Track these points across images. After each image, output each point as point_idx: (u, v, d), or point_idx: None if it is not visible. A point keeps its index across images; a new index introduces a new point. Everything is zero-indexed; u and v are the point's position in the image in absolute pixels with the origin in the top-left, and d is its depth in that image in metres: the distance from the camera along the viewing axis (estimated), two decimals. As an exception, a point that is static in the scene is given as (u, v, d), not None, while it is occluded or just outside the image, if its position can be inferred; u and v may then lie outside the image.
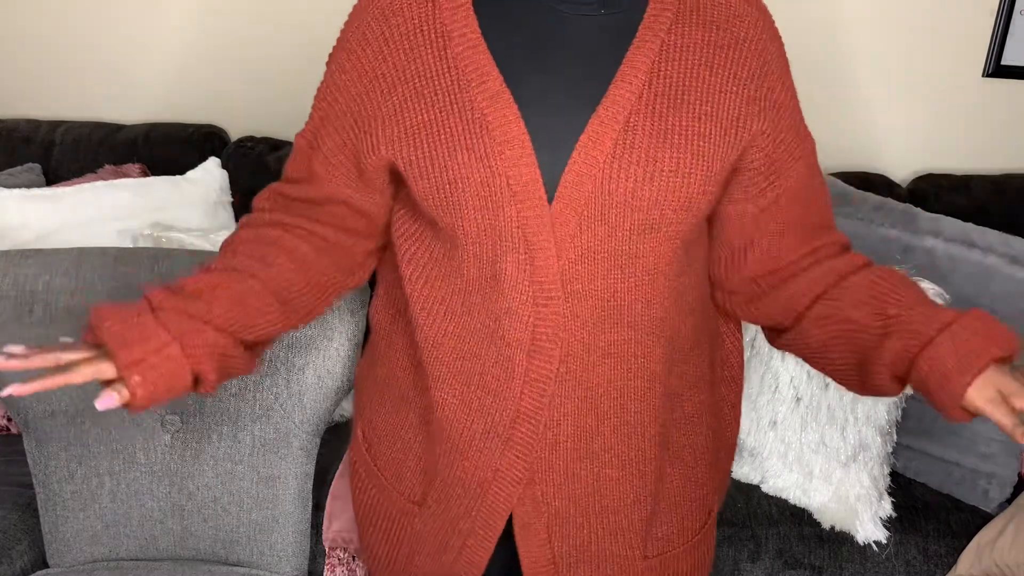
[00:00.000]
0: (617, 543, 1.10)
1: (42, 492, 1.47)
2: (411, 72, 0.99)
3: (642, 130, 0.95)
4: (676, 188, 0.96)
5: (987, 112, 2.27)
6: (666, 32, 0.98)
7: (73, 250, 1.46)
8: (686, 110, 0.96)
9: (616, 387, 1.03)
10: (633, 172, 0.95)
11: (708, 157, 0.97)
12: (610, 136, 0.95)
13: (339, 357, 1.41)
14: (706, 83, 0.97)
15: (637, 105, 0.96)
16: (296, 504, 1.47)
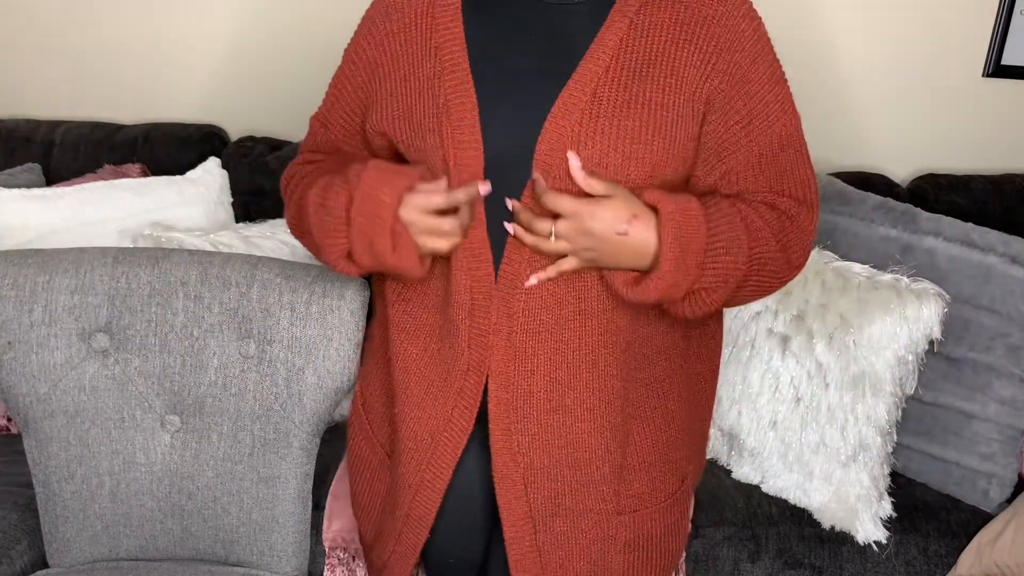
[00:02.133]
0: (591, 497, 1.16)
1: (42, 492, 1.47)
2: (403, 62, 1.12)
3: (608, 101, 1.04)
4: (639, 154, 1.04)
5: (987, 112, 2.27)
6: (635, 13, 1.07)
7: (73, 250, 1.46)
8: (650, 82, 1.05)
9: (587, 342, 1.10)
10: (600, 139, 1.04)
11: (670, 125, 1.05)
12: (578, 107, 1.04)
13: (339, 357, 1.41)
14: (671, 57, 1.06)
15: (604, 78, 1.05)
16: (296, 504, 1.47)
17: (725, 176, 1.11)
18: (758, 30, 1.11)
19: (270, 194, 2.16)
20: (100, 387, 1.43)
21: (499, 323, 1.11)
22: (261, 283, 1.41)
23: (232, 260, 1.45)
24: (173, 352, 1.43)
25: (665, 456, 1.21)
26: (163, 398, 1.45)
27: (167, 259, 1.45)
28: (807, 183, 1.15)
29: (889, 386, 1.70)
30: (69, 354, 1.42)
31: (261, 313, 1.41)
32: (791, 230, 1.13)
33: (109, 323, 1.42)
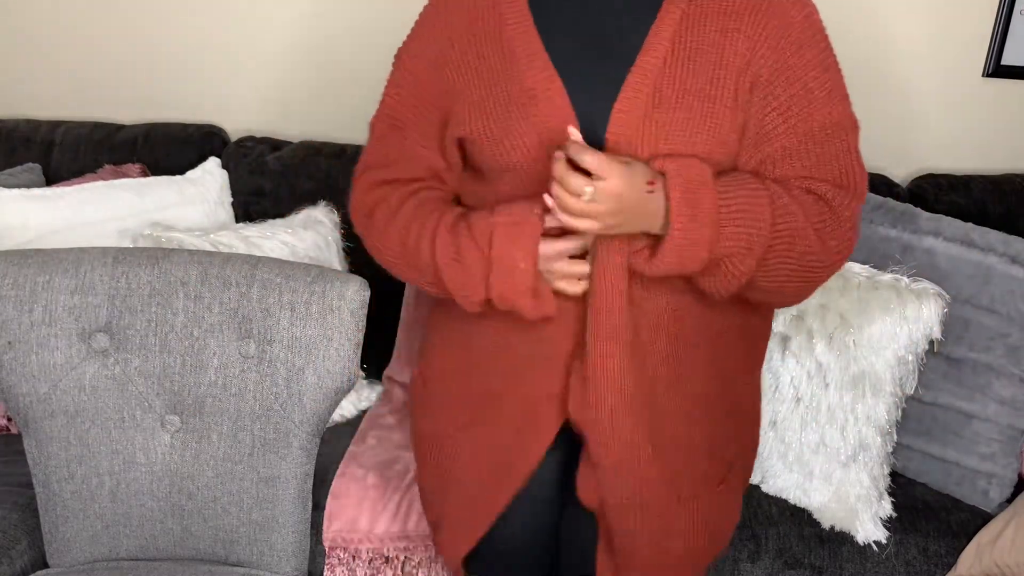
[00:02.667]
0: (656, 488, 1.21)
1: (42, 492, 1.47)
2: (473, 56, 1.15)
3: (666, 92, 1.08)
4: (687, 147, 1.08)
5: (987, 112, 2.27)
6: (687, 3, 1.10)
7: (73, 250, 1.46)
8: (700, 74, 1.08)
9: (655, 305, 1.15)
10: (656, 130, 1.08)
11: (715, 116, 1.08)
12: (641, 99, 1.08)
13: (339, 357, 1.40)
14: (719, 47, 1.09)
15: (662, 70, 1.09)
16: (296, 504, 1.47)
17: (763, 163, 1.12)
18: (809, 17, 1.12)
19: (270, 194, 2.16)
20: (100, 387, 1.43)
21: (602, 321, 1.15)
22: (261, 283, 1.41)
23: (232, 260, 1.45)
24: (173, 352, 1.43)
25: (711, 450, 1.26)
26: (163, 398, 1.45)
27: (167, 259, 1.45)
28: (850, 171, 1.15)
29: (889, 386, 1.70)
30: (69, 354, 1.42)
31: (261, 313, 1.41)
32: (828, 216, 1.13)
33: (109, 323, 1.42)
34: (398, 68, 1.24)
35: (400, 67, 1.24)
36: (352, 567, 1.71)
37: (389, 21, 2.35)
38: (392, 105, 1.25)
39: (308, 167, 2.16)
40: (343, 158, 2.18)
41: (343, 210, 2.10)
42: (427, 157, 1.22)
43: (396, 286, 2.06)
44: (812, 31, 1.13)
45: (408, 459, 1.80)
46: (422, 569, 1.71)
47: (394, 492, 1.73)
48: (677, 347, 1.18)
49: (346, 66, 2.30)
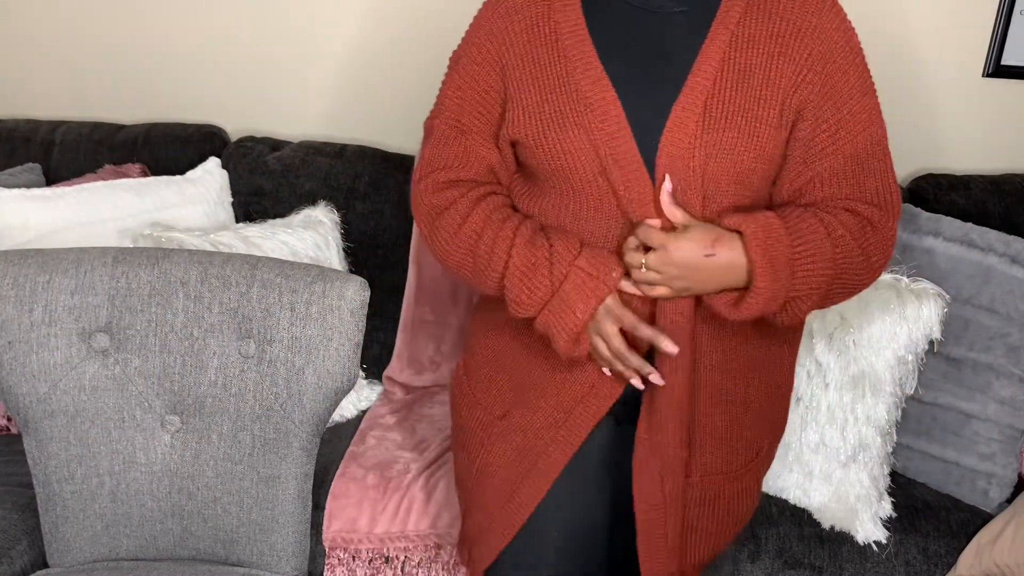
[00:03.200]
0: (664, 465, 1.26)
1: (42, 492, 1.47)
2: (529, 61, 1.20)
3: (715, 112, 1.13)
4: (734, 164, 1.13)
5: (987, 112, 2.27)
6: (735, 24, 1.15)
7: (73, 250, 1.46)
8: (748, 94, 1.13)
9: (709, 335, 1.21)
10: (705, 150, 1.13)
11: (761, 137, 1.14)
12: (692, 118, 1.13)
13: (339, 357, 1.40)
14: (766, 69, 1.14)
15: (712, 90, 1.13)
16: (296, 504, 1.47)
17: (811, 181, 1.18)
18: (850, 41, 1.19)
19: (270, 194, 2.16)
20: (100, 387, 1.43)
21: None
22: (261, 283, 1.41)
23: (232, 260, 1.45)
24: (173, 352, 1.43)
25: (739, 435, 1.30)
26: (163, 398, 1.45)
27: (167, 259, 1.45)
28: (889, 190, 1.21)
29: (889, 386, 1.70)
30: (69, 354, 1.42)
31: (261, 313, 1.41)
32: (871, 234, 1.18)
33: (109, 323, 1.42)
34: (455, 70, 1.28)
35: (458, 69, 1.28)
36: (352, 567, 1.71)
37: (389, 22, 2.35)
38: (452, 107, 1.28)
39: (308, 167, 2.17)
40: (343, 158, 2.18)
41: (343, 210, 2.10)
42: (488, 157, 1.27)
43: (396, 286, 2.06)
44: (853, 55, 1.18)
45: (408, 459, 1.80)
46: (422, 569, 1.71)
47: (394, 492, 1.73)
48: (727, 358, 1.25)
49: (346, 67, 2.30)
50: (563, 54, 1.18)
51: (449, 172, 1.28)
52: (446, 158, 1.28)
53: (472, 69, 1.25)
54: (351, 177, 2.15)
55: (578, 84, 1.16)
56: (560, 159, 1.18)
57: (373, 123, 2.33)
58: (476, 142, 1.26)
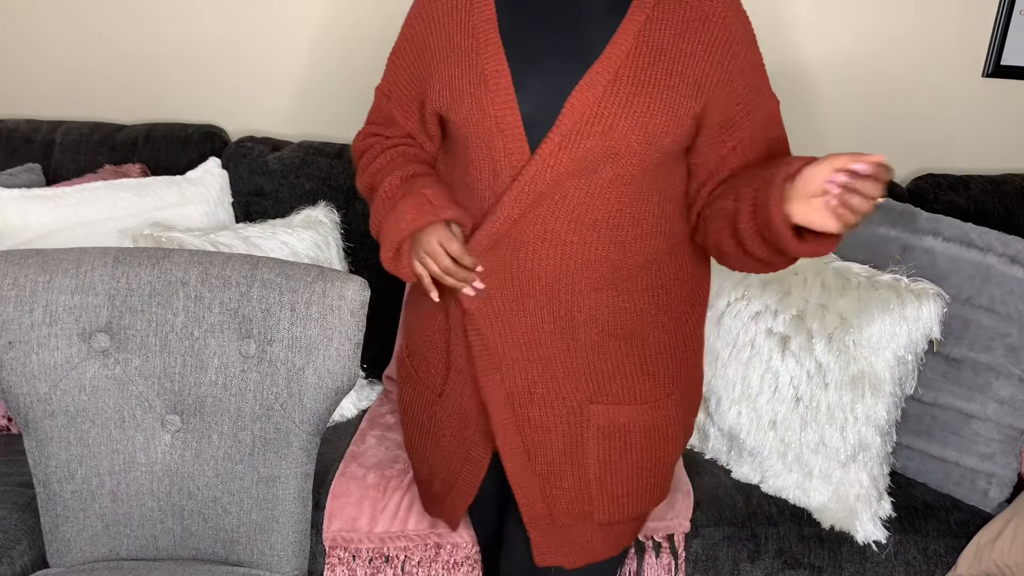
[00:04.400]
0: (562, 387, 1.35)
1: (42, 492, 1.47)
2: (445, 40, 1.33)
3: (626, 81, 1.23)
4: (644, 125, 1.23)
5: (987, 112, 2.28)
6: (651, 8, 1.25)
7: (73, 250, 1.46)
8: (661, 68, 1.24)
9: (550, 265, 1.29)
10: (615, 110, 1.23)
11: (673, 104, 1.24)
12: (601, 82, 1.23)
13: (339, 357, 1.41)
14: (679, 49, 1.25)
15: (625, 61, 1.24)
16: (296, 504, 1.47)
17: (735, 149, 1.30)
18: (747, 25, 1.31)
19: (270, 194, 2.16)
20: (100, 387, 1.44)
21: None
22: (261, 283, 1.42)
23: (232, 260, 1.45)
24: (173, 352, 1.43)
25: (642, 367, 1.37)
26: (163, 398, 1.45)
27: (167, 259, 1.45)
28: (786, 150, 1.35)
29: (888, 386, 1.70)
30: (69, 354, 1.42)
31: (261, 313, 1.41)
32: None
33: (109, 323, 1.42)
34: (395, 45, 1.44)
35: (396, 45, 1.44)
36: (352, 566, 1.71)
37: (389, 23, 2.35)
38: (387, 78, 1.45)
39: (308, 167, 2.17)
40: (343, 158, 2.18)
41: (343, 210, 2.11)
42: (405, 125, 1.43)
43: (396, 286, 2.06)
44: (750, 36, 1.30)
45: (408, 458, 1.80)
46: (422, 568, 1.71)
47: (394, 491, 1.73)
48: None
49: (347, 67, 2.30)
50: (471, 32, 1.30)
51: (374, 128, 1.47)
52: (376, 118, 1.47)
53: (401, 46, 1.42)
54: (351, 177, 2.15)
55: (480, 58, 1.28)
56: (462, 129, 1.30)
57: (373, 123, 2.33)
58: (397, 110, 1.42)
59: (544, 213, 1.27)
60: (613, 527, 1.43)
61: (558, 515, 1.40)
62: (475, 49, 1.29)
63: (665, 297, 1.36)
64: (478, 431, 1.42)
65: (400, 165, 1.38)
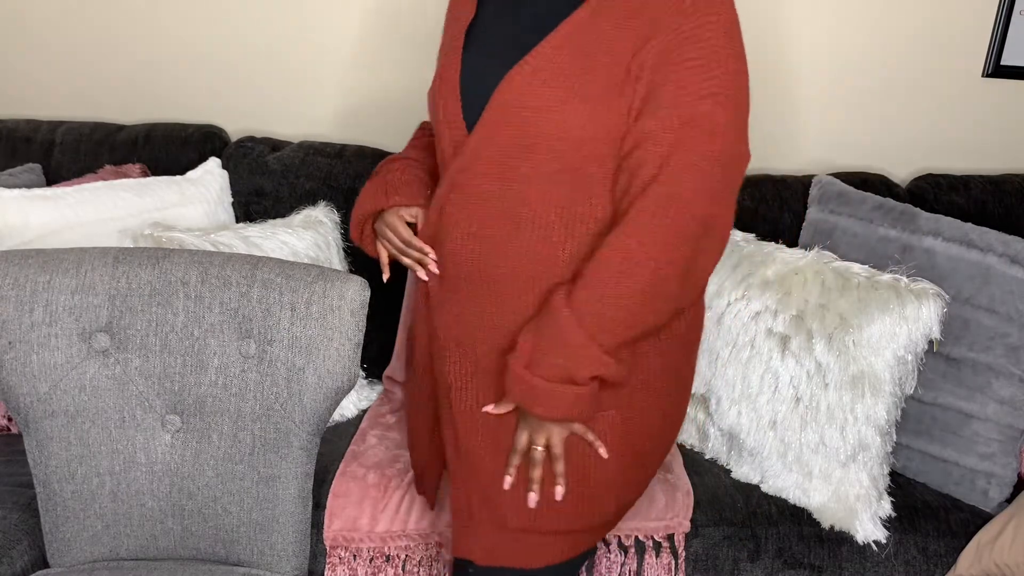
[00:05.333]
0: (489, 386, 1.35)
1: (42, 492, 1.47)
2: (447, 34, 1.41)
3: (548, 71, 1.23)
4: (560, 118, 1.22)
5: (987, 112, 2.28)
6: (597, 2, 1.24)
7: (73, 250, 1.46)
8: (587, 60, 1.22)
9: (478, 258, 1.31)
10: (546, 91, 1.23)
11: (591, 98, 1.22)
12: (523, 75, 1.24)
13: (339, 357, 1.41)
14: (611, 43, 1.22)
15: (554, 54, 1.24)
16: (296, 504, 1.47)
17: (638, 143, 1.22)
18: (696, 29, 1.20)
19: (270, 194, 2.16)
20: (101, 387, 1.44)
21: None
22: (261, 283, 1.42)
23: (232, 260, 1.45)
24: (174, 352, 1.43)
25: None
26: (163, 398, 1.45)
27: (167, 259, 1.45)
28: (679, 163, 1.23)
29: (888, 386, 1.70)
30: (70, 354, 1.42)
31: (261, 313, 1.41)
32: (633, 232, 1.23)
33: (110, 323, 1.42)
34: None
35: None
36: (353, 566, 1.71)
37: (390, 23, 2.35)
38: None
39: (308, 167, 2.17)
40: (343, 158, 2.18)
41: (343, 210, 2.11)
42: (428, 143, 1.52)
43: (396, 286, 2.06)
44: (699, 36, 1.20)
45: (408, 458, 1.80)
46: (423, 568, 1.71)
47: (395, 491, 1.73)
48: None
49: (347, 67, 2.30)
50: (455, 23, 1.38)
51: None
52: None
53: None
54: (351, 177, 2.15)
55: (449, 50, 1.35)
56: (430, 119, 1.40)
57: (373, 123, 2.33)
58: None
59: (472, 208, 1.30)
60: (530, 535, 1.36)
61: (475, 509, 1.39)
62: (450, 42, 1.37)
63: None
64: (441, 414, 1.46)
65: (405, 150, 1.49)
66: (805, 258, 1.80)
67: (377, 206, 1.42)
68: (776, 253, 1.84)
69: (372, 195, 1.44)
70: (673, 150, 1.20)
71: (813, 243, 1.93)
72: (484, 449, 1.37)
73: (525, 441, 1.32)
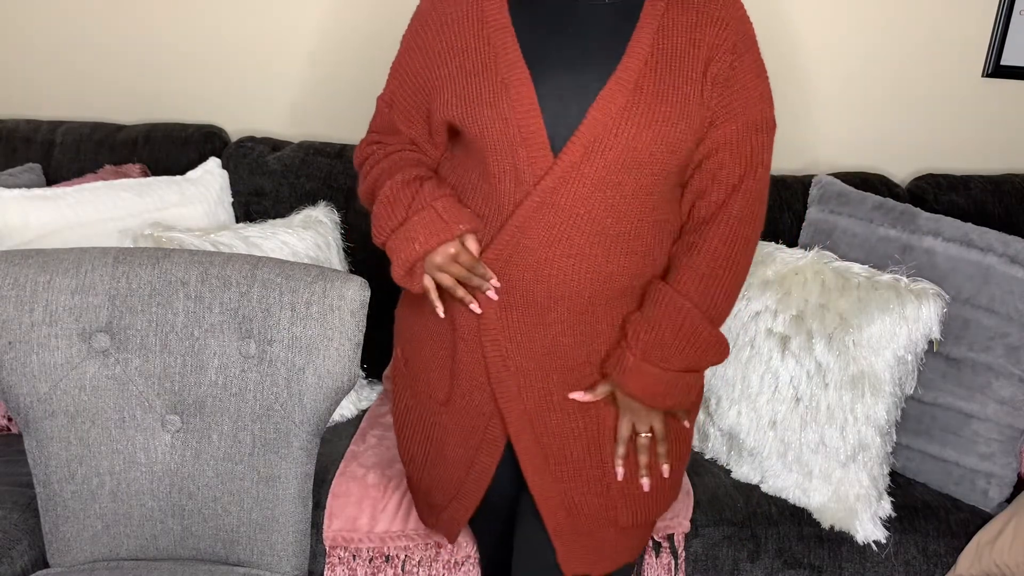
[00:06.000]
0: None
1: (42, 492, 1.47)
2: (458, 49, 1.31)
3: (647, 90, 1.24)
4: (666, 134, 1.25)
5: (987, 112, 2.28)
6: (661, 15, 1.27)
7: (74, 250, 1.46)
8: (678, 75, 1.26)
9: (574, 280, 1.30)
10: (636, 121, 1.24)
11: (690, 112, 1.26)
12: (622, 94, 1.24)
13: (339, 357, 1.41)
14: (691, 55, 1.26)
15: (644, 70, 1.25)
16: (296, 504, 1.47)
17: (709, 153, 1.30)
18: (748, 31, 1.32)
19: (270, 194, 2.17)
20: (101, 387, 1.43)
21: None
22: (261, 283, 1.42)
23: (232, 260, 1.45)
24: (174, 352, 1.43)
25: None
26: (163, 398, 1.45)
27: (167, 259, 1.45)
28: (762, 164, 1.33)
29: (888, 386, 1.70)
30: (70, 354, 1.42)
31: (261, 313, 1.41)
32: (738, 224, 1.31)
33: (110, 323, 1.42)
34: (399, 55, 1.42)
35: (400, 54, 1.41)
36: (352, 566, 1.71)
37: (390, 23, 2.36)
38: (390, 86, 1.43)
39: (308, 167, 2.17)
40: (343, 158, 2.18)
41: (343, 210, 2.11)
42: (408, 132, 1.41)
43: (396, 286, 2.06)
44: (750, 42, 1.32)
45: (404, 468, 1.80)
46: (423, 568, 1.71)
47: (394, 491, 1.73)
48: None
49: (347, 67, 2.30)
50: (487, 40, 1.29)
51: (376, 136, 1.46)
52: (377, 126, 1.47)
53: (406, 55, 1.39)
54: (351, 177, 2.15)
55: (498, 68, 1.27)
56: (480, 139, 1.29)
57: (373, 123, 2.33)
58: (400, 119, 1.41)
59: (568, 228, 1.27)
60: (635, 530, 1.43)
61: (581, 522, 1.40)
62: (492, 58, 1.28)
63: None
64: (486, 439, 1.41)
65: (400, 168, 1.38)
66: (805, 258, 1.80)
67: (442, 238, 1.30)
68: (776, 253, 1.84)
69: (430, 232, 1.30)
70: (752, 151, 1.30)
71: (813, 243, 1.93)
72: (585, 459, 1.38)
73: (628, 429, 1.36)
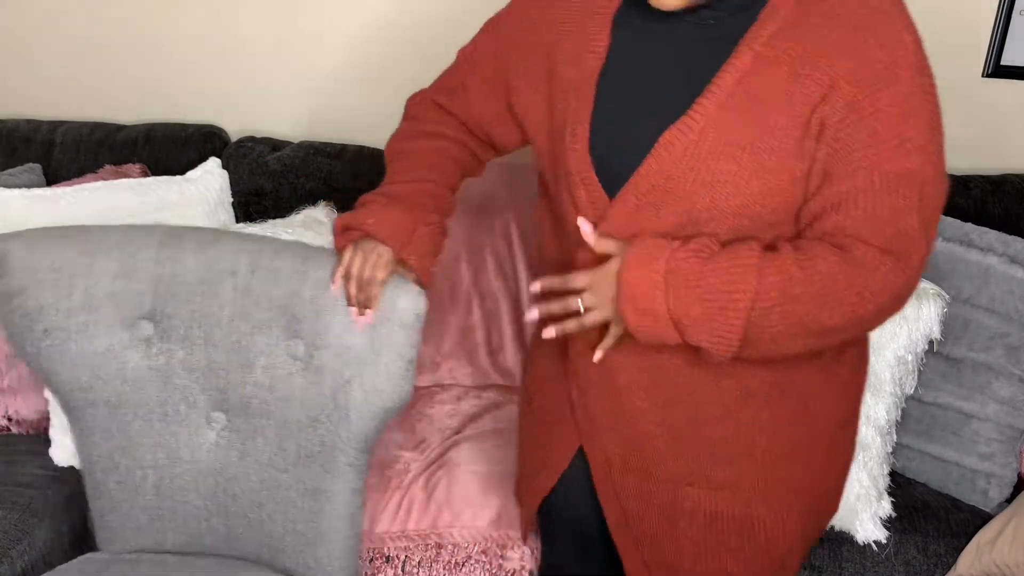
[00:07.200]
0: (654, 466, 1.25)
1: (88, 479, 1.48)
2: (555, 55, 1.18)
3: (711, 141, 1.05)
4: (730, 196, 1.06)
5: (987, 112, 2.28)
6: (762, 45, 1.06)
7: (117, 229, 1.42)
8: (760, 123, 1.04)
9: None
10: (694, 177, 1.06)
11: (772, 170, 1.04)
12: (682, 143, 1.06)
13: (388, 374, 1.33)
14: (789, 95, 1.04)
15: (715, 117, 1.06)
16: (344, 520, 1.42)
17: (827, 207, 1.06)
18: (897, 60, 1.03)
19: (270, 194, 2.18)
20: (143, 378, 1.41)
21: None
22: (314, 281, 1.35)
23: (284, 251, 1.39)
24: (219, 347, 1.39)
25: (748, 451, 1.21)
26: (208, 394, 1.42)
27: (215, 244, 1.39)
28: (905, 235, 1.06)
29: (889, 386, 1.71)
30: (110, 342, 1.39)
31: (312, 314, 1.34)
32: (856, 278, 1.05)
33: (153, 311, 1.38)
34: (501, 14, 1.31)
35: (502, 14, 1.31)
36: None
37: (390, 23, 2.36)
38: (477, 42, 1.33)
39: (308, 167, 2.18)
40: (343, 158, 2.19)
41: (343, 210, 2.11)
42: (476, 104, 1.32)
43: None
44: (896, 73, 1.02)
45: (408, 458, 1.81)
46: (422, 568, 1.72)
47: (394, 491, 1.74)
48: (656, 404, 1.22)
49: (347, 67, 2.31)
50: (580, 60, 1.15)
51: (438, 96, 1.37)
52: (445, 83, 1.37)
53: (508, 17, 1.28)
54: (351, 177, 2.16)
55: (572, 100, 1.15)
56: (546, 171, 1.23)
57: (373, 123, 2.33)
58: (473, 84, 1.32)
59: None
60: None
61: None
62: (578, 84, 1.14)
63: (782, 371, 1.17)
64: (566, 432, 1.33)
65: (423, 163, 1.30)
66: (805, 258, 1.81)
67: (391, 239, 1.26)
68: (776, 253, 1.84)
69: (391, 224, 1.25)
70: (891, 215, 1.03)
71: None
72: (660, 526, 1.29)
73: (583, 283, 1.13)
